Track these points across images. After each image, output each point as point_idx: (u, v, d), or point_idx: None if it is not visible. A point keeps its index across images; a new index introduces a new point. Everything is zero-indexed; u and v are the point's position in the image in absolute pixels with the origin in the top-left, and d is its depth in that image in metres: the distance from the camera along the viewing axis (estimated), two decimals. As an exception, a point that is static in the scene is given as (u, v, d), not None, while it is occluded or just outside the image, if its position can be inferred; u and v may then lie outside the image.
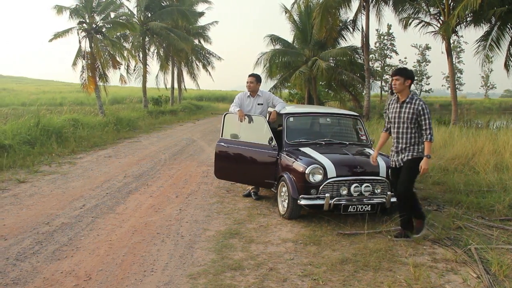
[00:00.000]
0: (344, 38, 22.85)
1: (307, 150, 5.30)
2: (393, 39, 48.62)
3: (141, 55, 25.03)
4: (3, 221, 4.78)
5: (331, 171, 4.76)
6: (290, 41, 24.21)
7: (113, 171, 7.86)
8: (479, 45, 15.76)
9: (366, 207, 4.73)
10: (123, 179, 7.18)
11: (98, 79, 18.04)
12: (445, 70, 51.96)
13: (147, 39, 25.52)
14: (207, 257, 3.88)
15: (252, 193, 6.14)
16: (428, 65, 51.91)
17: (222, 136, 6.04)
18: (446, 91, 54.43)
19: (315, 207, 4.81)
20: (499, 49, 15.36)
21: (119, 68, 19.57)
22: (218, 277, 3.46)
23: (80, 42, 17.41)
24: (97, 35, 17.74)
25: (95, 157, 9.36)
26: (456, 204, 5.63)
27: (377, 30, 48.21)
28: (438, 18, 16.79)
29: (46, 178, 7.12)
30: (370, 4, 18.36)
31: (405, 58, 78.89)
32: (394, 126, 4.41)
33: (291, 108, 6.28)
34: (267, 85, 23.89)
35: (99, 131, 13.49)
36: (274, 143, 5.55)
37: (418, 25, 17.17)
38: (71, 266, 3.64)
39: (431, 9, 16.99)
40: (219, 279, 3.41)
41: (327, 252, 4.05)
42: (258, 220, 5.06)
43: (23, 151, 8.94)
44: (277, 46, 23.41)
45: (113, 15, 19.08)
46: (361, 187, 4.76)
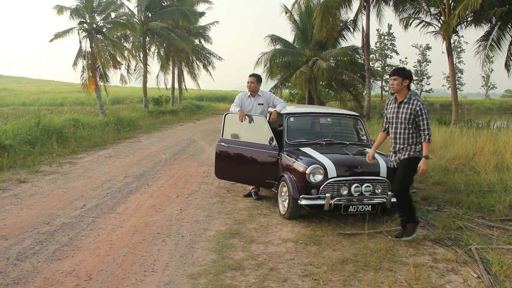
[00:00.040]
0: (344, 38, 22.91)
1: (308, 150, 5.30)
2: (393, 39, 48.67)
3: (141, 55, 25.08)
4: (3, 221, 4.78)
5: (332, 171, 4.75)
6: (290, 41, 24.24)
7: (114, 171, 7.86)
8: (480, 45, 15.77)
9: (366, 207, 4.73)
10: (124, 179, 7.19)
11: (98, 79, 18.05)
12: (445, 70, 51.92)
13: (148, 39, 25.56)
14: (207, 257, 3.88)
15: (252, 193, 6.14)
16: (428, 65, 51.94)
17: (222, 136, 6.04)
18: (446, 91, 54.42)
19: (315, 207, 4.81)
20: (499, 49, 15.37)
21: (120, 68, 19.60)
22: (218, 277, 3.46)
23: (80, 42, 17.45)
24: (98, 35, 17.76)
25: (96, 157, 9.36)
26: (456, 204, 5.63)
27: (378, 30, 48.30)
28: (438, 18, 16.80)
29: (46, 178, 7.13)
30: (370, 4, 18.36)
31: (406, 58, 79.05)
32: (392, 126, 4.39)
33: (291, 108, 6.29)
34: (268, 85, 23.93)
35: (100, 131, 13.49)
36: (274, 143, 5.55)
37: (418, 25, 17.20)
38: (71, 266, 3.64)
39: (432, 9, 17.00)
40: (220, 279, 3.42)
41: (328, 252, 4.05)
42: (258, 220, 5.06)
43: (23, 151, 8.95)
44: (278, 46, 23.42)
45: (113, 15, 19.10)
46: (362, 187, 4.76)
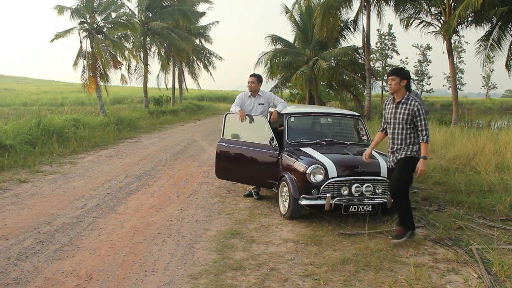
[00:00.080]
0: (345, 38, 22.92)
1: (308, 150, 5.30)
2: (394, 39, 48.62)
3: (142, 55, 25.10)
4: (4, 221, 4.79)
5: (332, 171, 4.75)
6: (291, 41, 24.25)
7: (114, 171, 7.86)
8: (480, 45, 15.75)
9: (367, 207, 4.73)
10: (124, 179, 7.19)
11: (99, 79, 18.05)
12: (446, 70, 51.83)
13: (148, 39, 25.57)
14: (208, 257, 3.88)
15: (253, 193, 6.14)
16: (429, 65, 51.90)
17: (223, 136, 6.05)
18: (447, 91, 54.39)
19: (316, 207, 4.81)
20: (500, 49, 15.36)
21: (120, 68, 19.61)
22: (219, 277, 3.46)
23: (81, 42, 17.45)
24: (98, 35, 17.76)
25: (96, 157, 9.37)
26: (457, 204, 5.63)
27: (378, 30, 48.20)
28: (439, 18, 16.78)
29: (47, 178, 7.13)
30: (371, 4, 18.36)
31: (406, 58, 79.18)
32: (390, 126, 4.37)
33: (292, 108, 6.29)
34: (268, 85, 23.95)
35: (100, 131, 13.50)
36: (275, 143, 5.55)
37: (419, 25, 17.18)
38: (72, 266, 3.64)
39: (432, 9, 16.99)
40: (220, 279, 3.42)
41: (328, 252, 4.05)
42: (259, 220, 5.06)
43: (24, 151, 8.95)
44: (278, 46, 23.43)
45: (114, 15, 19.10)
46: (362, 187, 4.76)
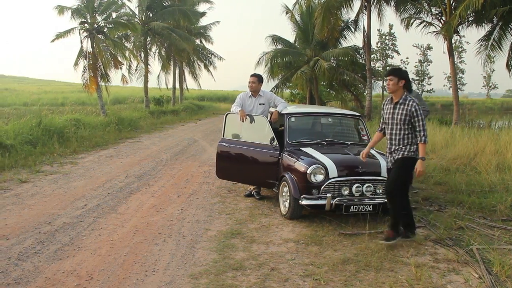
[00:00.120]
0: (345, 38, 22.87)
1: (309, 150, 5.30)
2: (394, 39, 48.52)
3: (142, 55, 25.11)
4: (5, 221, 4.79)
5: (333, 171, 4.75)
6: (291, 41, 24.24)
7: (115, 171, 7.87)
8: (481, 45, 15.72)
9: (367, 207, 4.73)
10: (125, 179, 7.19)
11: (99, 79, 18.06)
12: (446, 70, 51.76)
13: (149, 39, 25.59)
14: (208, 257, 3.88)
15: (254, 193, 6.14)
16: (429, 65, 51.78)
17: (223, 136, 6.05)
18: (447, 91, 54.32)
19: (316, 207, 4.81)
20: (501, 49, 15.32)
21: (121, 68, 19.63)
22: (219, 277, 3.46)
23: (81, 42, 17.48)
24: (99, 35, 17.78)
25: (97, 157, 9.37)
26: (457, 204, 5.62)
27: (379, 30, 48.17)
28: (439, 18, 16.76)
29: (47, 178, 7.13)
30: (371, 4, 18.34)
31: (407, 58, 79.02)
32: (388, 127, 4.36)
33: (292, 108, 6.29)
34: (269, 85, 23.95)
35: (101, 131, 13.51)
36: (275, 143, 5.55)
37: (419, 25, 17.14)
38: (72, 265, 3.65)
39: (433, 9, 16.96)
40: (221, 279, 3.42)
41: (329, 252, 4.05)
42: (259, 220, 5.06)
43: (25, 151, 8.96)
44: (279, 46, 23.43)
45: (114, 15, 19.12)
46: (363, 187, 4.76)
